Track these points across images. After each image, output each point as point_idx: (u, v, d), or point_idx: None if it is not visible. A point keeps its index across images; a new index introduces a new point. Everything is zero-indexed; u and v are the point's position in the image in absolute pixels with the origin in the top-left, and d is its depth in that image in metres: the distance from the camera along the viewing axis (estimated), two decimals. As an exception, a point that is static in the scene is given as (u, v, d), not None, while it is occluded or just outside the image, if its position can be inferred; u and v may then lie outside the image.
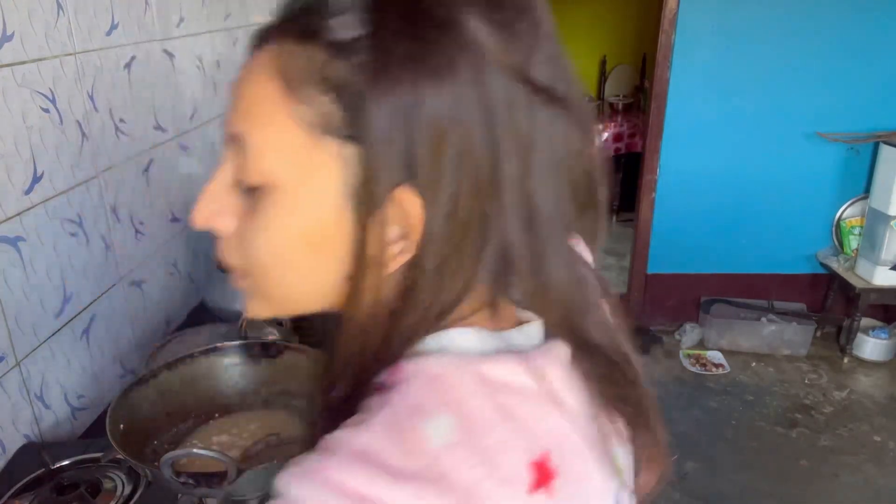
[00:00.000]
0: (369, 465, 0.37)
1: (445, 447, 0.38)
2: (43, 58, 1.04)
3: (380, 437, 0.38)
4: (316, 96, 0.39)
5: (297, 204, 0.42)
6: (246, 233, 0.44)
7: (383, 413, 0.39)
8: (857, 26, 2.91)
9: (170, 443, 0.92)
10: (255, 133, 0.42)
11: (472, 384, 0.41)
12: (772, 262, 3.29)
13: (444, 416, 0.39)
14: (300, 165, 0.41)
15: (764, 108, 3.04)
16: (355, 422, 0.40)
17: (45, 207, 1.06)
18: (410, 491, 0.37)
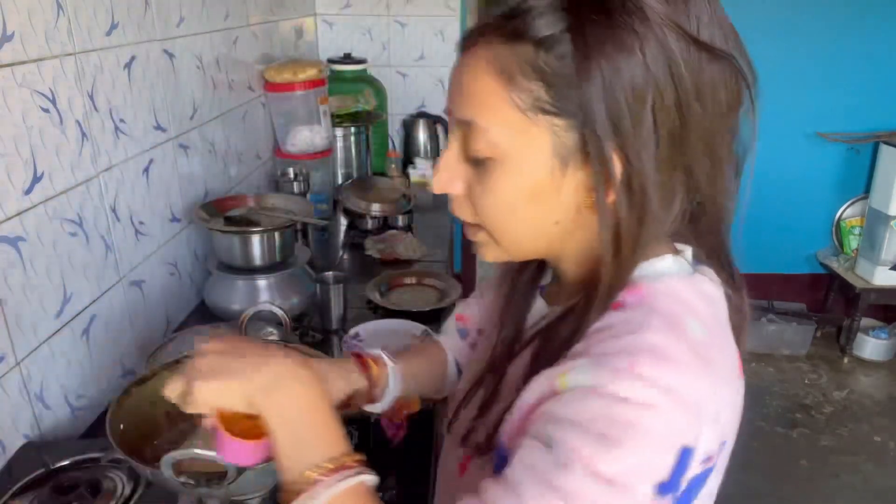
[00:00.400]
0: (666, 360, 0.50)
1: (703, 342, 0.53)
2: (43, 58, 1.04)
3: (665, 339, 0.51)
4: (528, 84, 0.52)
5: (519, 168, 0.54)
6: (478, 194, 0.57)
7: (654, 321, 0.52)
8: (857, 27, 2.91)
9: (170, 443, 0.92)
10: (483, 118, 0.54)
11: (697, 297, 0.56)
12: (772, 262, 3.29)
13: (693, 319, 0.54)
14: (520, 139, 0.53)
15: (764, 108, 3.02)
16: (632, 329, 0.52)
17: (45, 207, 1.06)
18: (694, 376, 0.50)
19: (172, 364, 0.95)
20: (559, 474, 0.49)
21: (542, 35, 0.50)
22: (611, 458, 0.47)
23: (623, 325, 0.53)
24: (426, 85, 2.90)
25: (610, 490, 0.47)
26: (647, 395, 0.48)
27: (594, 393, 0.49)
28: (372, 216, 2.09)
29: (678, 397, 0.48)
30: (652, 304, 0.54)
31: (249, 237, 1.43)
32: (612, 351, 0.51)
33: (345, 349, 1.37)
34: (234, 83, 1.88)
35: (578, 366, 0.51)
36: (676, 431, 0.49)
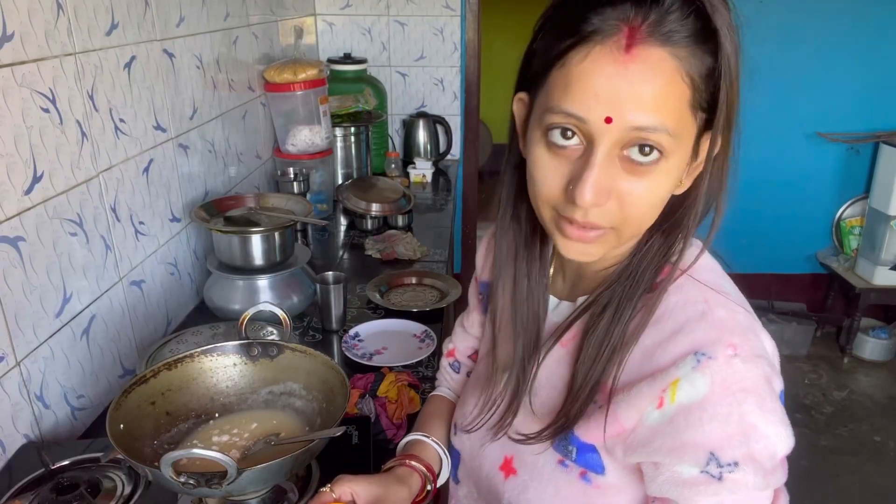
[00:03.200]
0: (746, 332, 0.59)
1: (739, 298, 0.63)
2: (43, 58, 1.04)
3: (729, 310, 0.60)
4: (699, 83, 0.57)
5: (677, 164, 0.59)
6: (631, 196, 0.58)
7: (713, 297, 0.61)
8: (857, 27, 2.91)
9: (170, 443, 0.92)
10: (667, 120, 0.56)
11: (713, 263, 0.67)
12: (772, 262, 3.29)
13: (724, 282, 0.64)
14: (685, 138, 0.58)
15: (764, 108, 3.04)
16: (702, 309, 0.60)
17: (45, 207, 1.06)
18: (760, 331, 0.61)
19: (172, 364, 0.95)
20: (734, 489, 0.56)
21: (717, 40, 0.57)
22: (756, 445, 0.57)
23: (688, 306, 0.60)
24: (426, 85, 2.90)
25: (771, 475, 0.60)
26: (752, 372, 0.57)
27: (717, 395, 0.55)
28: (372, 216, 2.09)
29: (764, 356, 0.59)
30: (702, 277, 0.63)
31: (249, 237, 1.43)
32: (706, 338, 0.57)
33: (345, 349, 1.37)
34: (234, 83, 1.88)
35: (682, 375, 0.56)
36: (774, 383, 0.60)
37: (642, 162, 0.56)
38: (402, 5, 2.77)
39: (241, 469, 0.74)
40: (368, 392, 1.19)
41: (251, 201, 1.58)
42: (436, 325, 1.48)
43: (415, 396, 1.19)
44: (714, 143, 0.59)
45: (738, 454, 0.55)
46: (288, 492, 0.91)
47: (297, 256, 1.53)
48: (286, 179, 2.03)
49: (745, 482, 0.56)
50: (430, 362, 1.35)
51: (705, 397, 0.55)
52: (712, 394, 0.55)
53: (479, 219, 3.20)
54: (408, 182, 2.54)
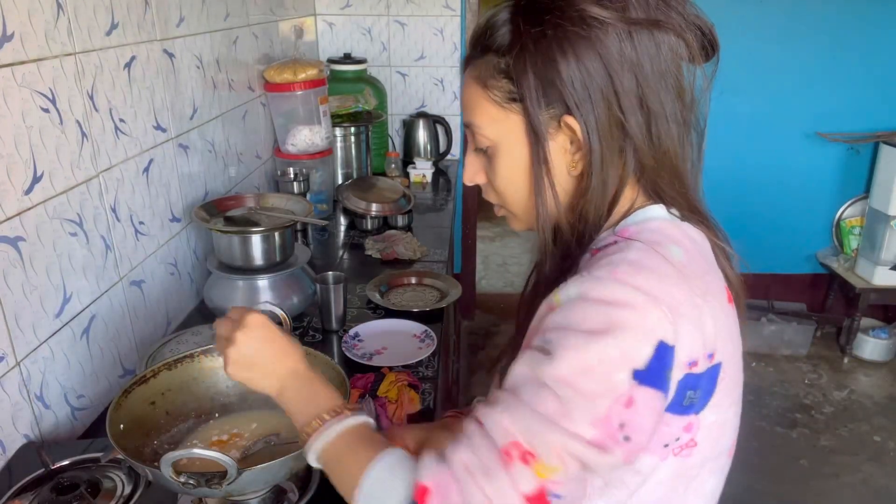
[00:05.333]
0: (642, 268, 0.60)
1: (683, 262, 0.64)
2: (43, 58, 1.04)
3: (643, 255, 0.62)
4: (496, 82, 0.68)
5: (508, 149, 0.70)
6: (492, 178, 0.73)
7: (636, 245, 0.63)
8: (857, 26, 2.91)
9: (170, 443, 0.92)
10: (476, 118, 0.71)
11: (681, 235, 0.67)
12: (772, 262, 3.29)
13: (673, 245, 0.65)
14: (503, 126, 0.69)
15: (764, 108, 3.03)
16: (614, 250, 0.64)
17: (45, 207, 1.06)
18: (673, 285, 0.60)
19: (172, 364, 0.95)
20: (549, 368, 0.58)
21: (499, 44, 0.68)
22: (592, 348, 0.57)
23: (609, 252, 0.64)
24: (426, 85, 2.90)
25: (591, 376, 0.57)
26: (624, 294, 0.58)
27: (580, 300, 0.60)
28: (372, 216, 2.09)
29: (653, 297, 0.58)
30: (637, 236, 0.66)
31: (249, 237, 1.43)
32: (596, 267, 0.62)
33: (344, 349, 1.37)
34: (234, 83, 1.88)
35: (569, 283, 0.62)
36: (652, 326, 0.57)
37: (482, 149, 0.72)
38: (402, 5, 2.77)
39: (241, 469, 0.74)
40: (368, 392, 1.19)
41: (251, 201, 1.58)
42: (436, 325, 1.48)
43: (415, 396, 1.19)
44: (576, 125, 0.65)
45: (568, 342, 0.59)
46: (288, 492, 0.91)
47: (297, 256, 1.53)
48: (286, 179, 2.03)
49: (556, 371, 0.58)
50: (430, 362, 1.35)
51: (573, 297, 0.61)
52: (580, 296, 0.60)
53: (478, 219, 3.20)
54: (408, 182, 2.54)
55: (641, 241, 0.64)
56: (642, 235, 0.65)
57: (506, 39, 0.67)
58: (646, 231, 0.66)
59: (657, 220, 0.68)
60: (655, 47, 0.63)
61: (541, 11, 0.64)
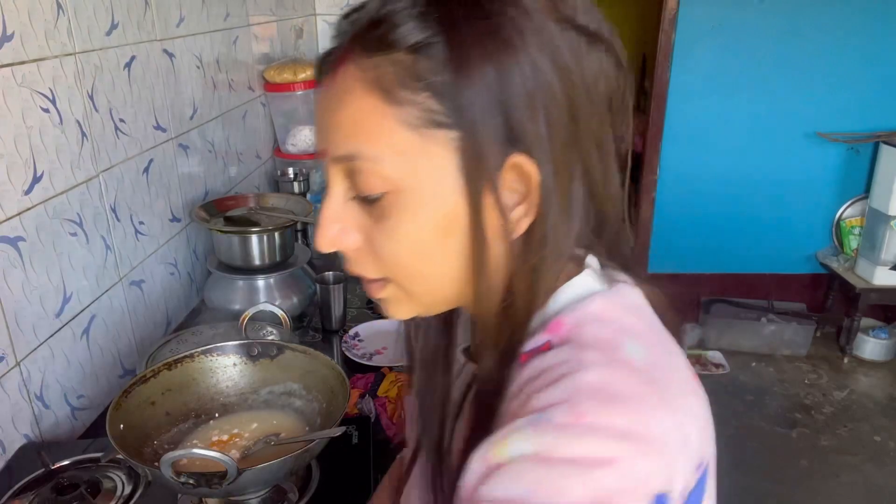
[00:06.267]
0: (613, 399, 0.41)
1: (648, 362, 0.44)
2: (43, 58, 1.04)
3: (606, 374, 0.42)
4: (413, 97, 0.44)
5: (423, 197, 0.45)
6: (379, 240, 0.48)
7: (589, 357, 0.44)
8: (857, 26, 2.91)
9: (170, 443, 0.92)
10: (369, 146, 0.45)
11: (625, 312, 0.48)
12: (772, 262, 3.29)
13: (629, 340, 0.45)
14: (417, 162, 0.45)
15: (764, 108, 3.04)
16: (566, 371, 0.43)
17: (45, 207, 1.06)
18: (654, 407, 0.42)
19: (172, 364, 0.95)
20: None
21: (413, 41, 0.43)
22: None
23: (555, 368, 0.44)
24: (426, 85, 2.90)
25: None
26: (602, 447, 0.40)
27: (540, 461, 0.40)
28: (372, 216, 2.09)
29: (639, 439, 0.40)
30: (580, 337, 0.45)
31: (249, 237, 1.43)
32: (550, 403, 0.42)
33: (344, 349, 1.37)
34: (234, 83, 1.88)
35: (516, 429, 0.42)
36: (645, 480, 0.40)
37: (370, 197, 0.46)
38: (402, 5, 2.77)
39: (241, 469, 0.74)
40: (368, 392, 1.19)
41: (251, 201, 1.58)
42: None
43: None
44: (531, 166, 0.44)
45: None
46: (288, 492, 0.91)
47: (297, 256, 1.53)
48: (286, 179, 2.03)
49: None
50: (430, 362, 1.35)
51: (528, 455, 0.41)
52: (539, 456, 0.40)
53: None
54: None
55: (590, 345, 0.44)
56: (587, 333, 0.46)
57: (429, 31, 0.43)
58: (588, 325, 0.46)
59: (594, 301, 0.48)
60: (600, 67, 0.46)
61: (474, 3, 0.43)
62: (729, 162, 3.12)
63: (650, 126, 3.06)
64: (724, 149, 3.10)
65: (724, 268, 3.28)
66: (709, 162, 3.13)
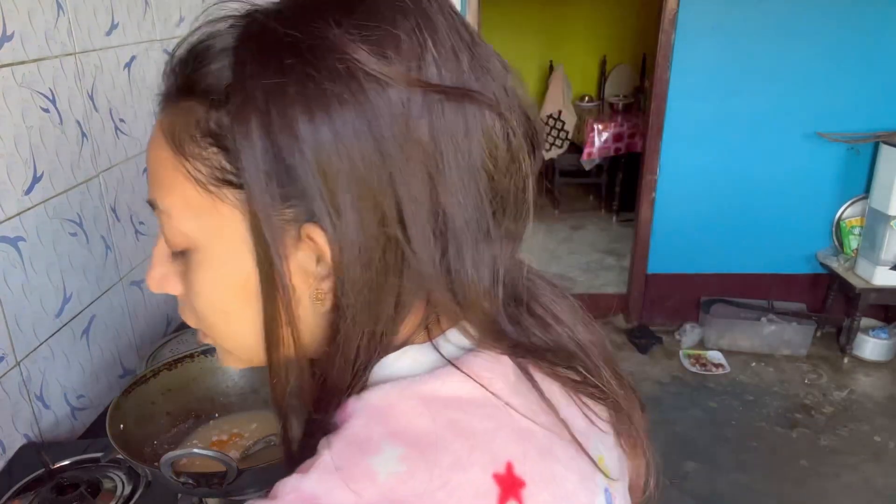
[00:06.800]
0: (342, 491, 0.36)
1: (396, 477, 0.37)
2: (43, 58, 1.04)
3: (325, 481, 0.37)
4: (201, 151, 0.40)
5: (217, 258, 0.42)
6: (188, 294, 0.45)
7: (325, 456, 0.39)
8: (856, 26, 2.91)
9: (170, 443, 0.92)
10: (164, 199, 0.42)
11: (418, 407, 0.40)
12: (772, 262, 3.29)
13: (390, 447, 0.38)
14: (209, 221, 0.41)
15: (764, 108, 3.03)
16: (304, 467, 0.39)
17: (45, 207, 1.06)
18: None
19: (172, 364, 0.95)
20: None
21: (209, 87, 0.39)
22: None
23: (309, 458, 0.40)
24: (426, 85, 2.89)
25: None
26: None
27: None
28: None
29: None
30: (343, 430, 0.40)
31: (249, 237, 1.43)
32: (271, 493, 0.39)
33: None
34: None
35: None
36: None
37: (175, 249, 0.44)
38: (402, 5, 2.77)
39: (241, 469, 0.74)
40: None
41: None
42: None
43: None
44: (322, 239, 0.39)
45: None
46: (288, 492, 0.91)
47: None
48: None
49: None
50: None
51: None
52: None
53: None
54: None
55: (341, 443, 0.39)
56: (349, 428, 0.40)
57: (223, 79, 0.39)
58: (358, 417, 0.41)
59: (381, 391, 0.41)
60: (464, 129, 0.39)
61: (283, 49, 0.38)
62: (729, 162, 3.12)
63: (650, 126, 3.05)
64: (724, 149, 3.10)
65: (724, 268, 3.28)
66: (709, 162, 3.13)
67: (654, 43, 2.97)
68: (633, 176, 3.65)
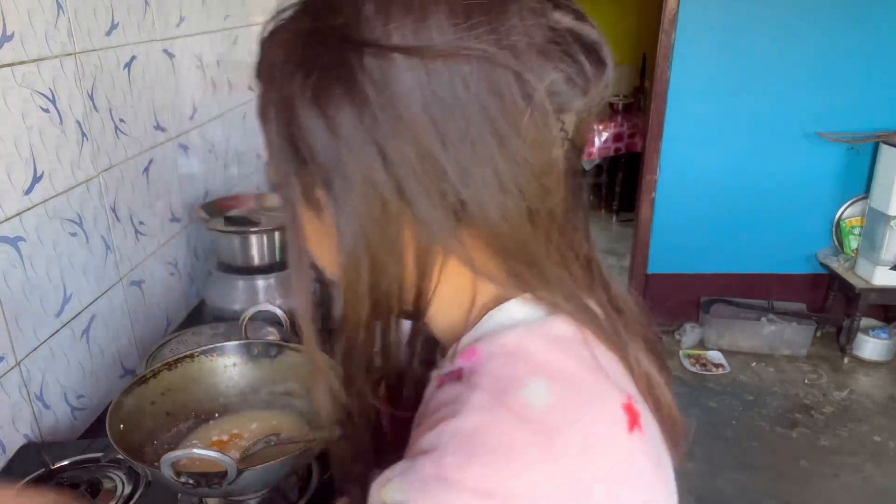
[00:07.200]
0: (481, 456, 0.39)
1: (549, 407, 0.41)
2: (43, 58, 1.04)
3: (483, 424, 0.40)
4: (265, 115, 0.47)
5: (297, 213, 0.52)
6: None
7: (475, 399, 0.42)
8: (857, 26, 2.91)
9: (170, 443, 0.92)
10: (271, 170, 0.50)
11: (548, 346, 0.44)
12: (772, 262, 3.29)
13: (535, 381, 0.42)
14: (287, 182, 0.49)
15: (764, 108, 3.03)
16: (449, 414, 0.42)
17: (45, 207, 1.06)
18: (528, 461, 0.39)
19: (172, 364, 0.95)
20: None
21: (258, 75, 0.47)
22: None
23: (446, 406, 0.43)
24: (426, 85, 2.89)
25: None
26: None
27: None
28: (372, 216, 2.09)
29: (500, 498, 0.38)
30: (480, 373, 0.44)
31: (249, 237, 1.43)
32: (423, 449, 0.41)
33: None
34: (234, 83, 1.88)
35: (393, 476, 0.42)
36: None
37: None
38: (402, 5, 2.77)
39: (241, 469, 0.74)
40: (368, 392, 1.18)
41: (251, 201, 1.58)
42: (436, 325, 1.47)
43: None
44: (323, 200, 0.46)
45: None
46: (288, 492, 0.91)
47: (297, 256, 1.53)
48: (286, 179, 2.03)
49: None
50: (430, 362, 1.35)
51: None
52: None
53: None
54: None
55: (486, 383, 0.43)
56: (491, 366, 0.44)
57: (259, 62, 0.47)
58: (496, 359, 0.44)
59: (513, 333, 0.45)
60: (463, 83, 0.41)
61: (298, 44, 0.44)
62: (729, 162, 3.12)
63: (650, 126, 3.05)
64: (724, 149, 3.10)
65: (724, 268, 3.28)
66: (709, 162, 3.13)
67: (654, 43, 2.97)
68: (633, 176, 3.65)
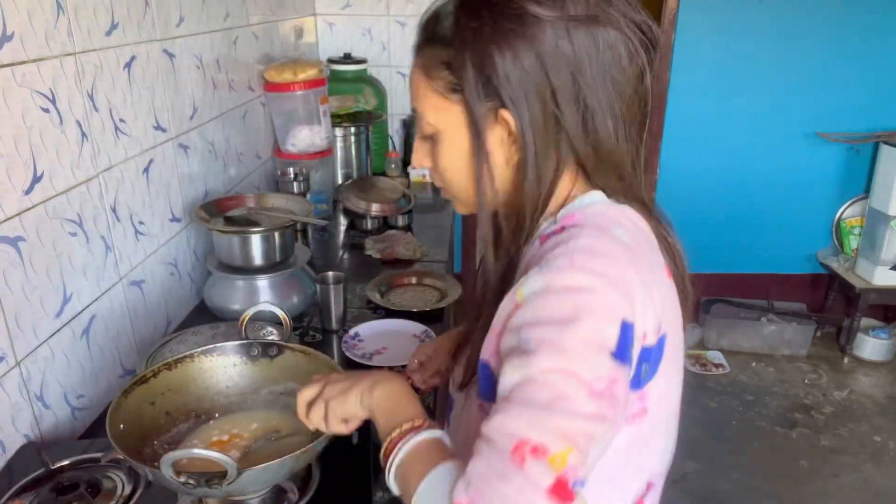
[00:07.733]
0: (596, 254, 0.63)
1: (628, 243, 0.67)
2: (43, 58, 1.04)
3: (595, 240, 0.65)
4: (439, 73, 0.70)
5: (450, 137, 0.72)
6: (435, 164, 0.76)
7: (585, 230, 0.66)
8: (856, 26, 2.91)
9: (170, 443, 0.92)
10: (420, 106, 0.74)
11: (622, 216, 0.70)
12: (772, 262, 3.29)
13: (618, 227, 0.68)
14: (444, 115, 0.72)
15: (764, 108, 3.03)
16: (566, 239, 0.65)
17: (45, 207, 1.06)
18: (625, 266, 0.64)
19: (172, 364, 0.95)
20: (533, 365, 0.59)
21: (444, 35, 0.70)
22: (567, 336, 0.59)
23: (563, 240, 0.66)
24: (426, 85, 2.89)
25: (573, 360, 0.58)
26: (584, 280, 0.61)
27: (545, 292, 0.62)
28: (372, 216, 2.09)
29: (610, 279, 0.61)
30: (584, 222, 0.68)
31: (249, 237, 1.43)
32: (553, 256, 0.63)
33: (345, 349, 1.37)
34: (234, 83, 1.88)
35: (530, 276, 0.64)
36: (613, 306, 0.61)
37: (426, 135, 0.75)
38: (401, 5, 2.77)
39: (241, 469, 0.74)
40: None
41: (251, 201, 1.58)
42: (436, 325, 1.48)
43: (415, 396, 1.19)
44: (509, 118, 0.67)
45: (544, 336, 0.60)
46: (288, 492, 0.91)
47: (297, 256, 1.53)
48: (286, 179, 2.03)
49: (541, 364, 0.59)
50: (430, 362, 1.35)
51: (537, 291, 0.62)
52: (544, 289, 0.62)
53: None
54: (408, 182, 2.54)
55: (589, 225, 0.67)
56: (588, 220, 0.68)
57: (448, 31, 0.69)
58: (590, 215, 0.69)
59: (598, 205, 0.71)
60: (593, 43, 0.65)
61: (481, 6, 0.66)
62: (729, 162, 3.12)
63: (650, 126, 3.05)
64: (724, 149, 3.10)
65: (724, 268, 3.28)
66: (709, 162, 3.13)
67: (654, 43, 2.97)
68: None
